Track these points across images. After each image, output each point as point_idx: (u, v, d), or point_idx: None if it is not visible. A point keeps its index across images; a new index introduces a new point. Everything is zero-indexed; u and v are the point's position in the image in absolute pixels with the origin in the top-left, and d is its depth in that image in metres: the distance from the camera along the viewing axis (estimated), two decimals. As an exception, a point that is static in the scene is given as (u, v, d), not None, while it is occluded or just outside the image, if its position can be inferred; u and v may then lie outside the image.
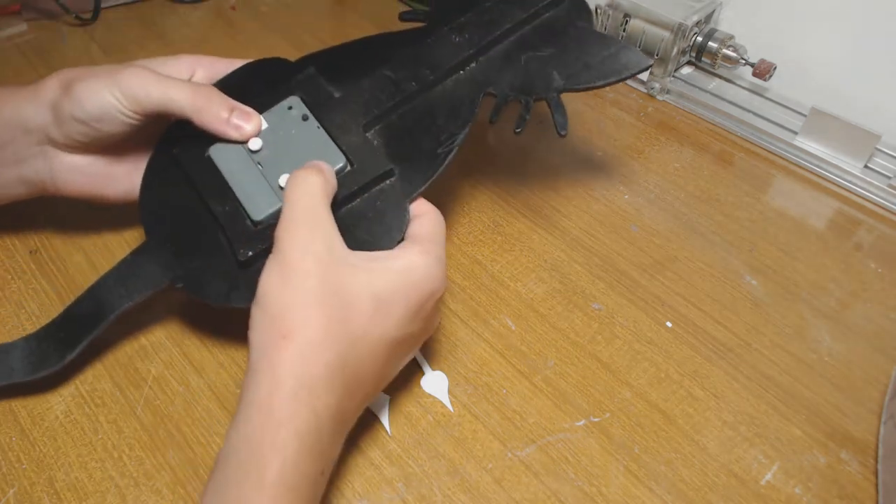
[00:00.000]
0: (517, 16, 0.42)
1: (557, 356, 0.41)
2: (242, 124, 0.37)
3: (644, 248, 0.48)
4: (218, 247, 0.37)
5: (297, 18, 0.68)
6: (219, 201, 0.37)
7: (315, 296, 0.30)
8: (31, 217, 0.47)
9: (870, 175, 0.53)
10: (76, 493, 0.34)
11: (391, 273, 0.33)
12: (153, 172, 0.39)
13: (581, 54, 0.41)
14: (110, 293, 0.37)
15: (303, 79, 0.40)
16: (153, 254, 0.37)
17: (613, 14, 0.60)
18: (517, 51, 0.42)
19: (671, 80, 0.61)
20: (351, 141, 0.38)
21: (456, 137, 0.39)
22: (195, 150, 0.38)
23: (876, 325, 0.44)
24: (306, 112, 0.39)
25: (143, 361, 0.40)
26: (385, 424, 0.37)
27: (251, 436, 0.28)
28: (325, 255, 0.31)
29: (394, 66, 0.40)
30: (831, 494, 0.36)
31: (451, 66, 0.41)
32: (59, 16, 0.66)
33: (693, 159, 0.55)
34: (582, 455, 0.37)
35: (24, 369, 0.36)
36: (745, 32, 0.60)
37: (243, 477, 0.28)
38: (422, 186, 0.38)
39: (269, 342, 0.30)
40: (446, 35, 0.41)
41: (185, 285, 0.36)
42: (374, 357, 0.32)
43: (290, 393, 0.29)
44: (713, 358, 0.42)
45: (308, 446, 0.29)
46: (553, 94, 0.41)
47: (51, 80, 0.38)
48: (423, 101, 0.40)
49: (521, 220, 0.49)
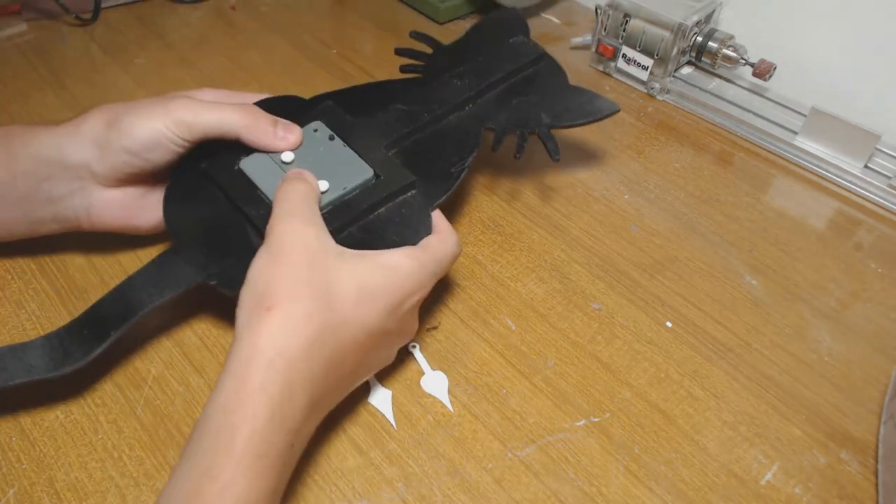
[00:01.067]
0: (506, 68, 0.49)
1: (557, 356, 0.41)
2: (287, 135, 0.41)
3: (644, 248, 0.48)
4: (250, 247, 0.38)
5: (297, 18, 0.68)
6: (253, 206, 0.39)
7: (302, 276, 0.32)
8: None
9: (870, 175, 0.53)
10: (76, 493, 0.34)
11: (377, 267, 0.35)
12: (177, 187, 0.41)
13: (562, 100, 0.48)
14: (139, 291, 0.38)
15: (323, 108, 0.44)
16: (183, 255, 0.39)
17: (613, 14, 0.60)
18: (509, 96, 0.48)
19: (671, 80, 0.61)
20: (376, 157, 0.41)
21: (466, 160, 0.44)
22: (225, 164, 0.41)
23: (876, 325, 0.44)
24: (331, 133, 0.42)
25: (143, 361, 0.40)
26: (390, 419, 0.37)
27: (225, 403, 0.29)
28: (315, 244, 0.34)
29: (406, 100, 0.46)
30: (831, 494, 0.36)
31: (455, 103, 0.46)
32: (59, 16, 0.66)
33: (693, 159, 0.55)
34: (582, 455, 0.37)
35: (45, 366, 0.36)
36: (745, 32, 0.60)
37: (213, 443, 0.28)
38: (441, 198, 0.41)
39: (254, 315, 0.31)
40: (448, 80, 0.48)
41: (218, 282, 0.38)
42: (354, 343, 0.33)
43: (267, 362, 0.30)
44: (713, 358, 0.42)
45: (279, 417, 0.29)
46: (543, 129, 0.46)
47: (92, 117, 0.39)
48: (435, 130, 0.45)
49: (521, 220, 0.49)
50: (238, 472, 0.28)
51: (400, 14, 0.70)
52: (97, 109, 0.40)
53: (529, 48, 0.50)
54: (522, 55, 0.50)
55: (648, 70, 0.60)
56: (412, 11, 0.71)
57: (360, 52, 0.64)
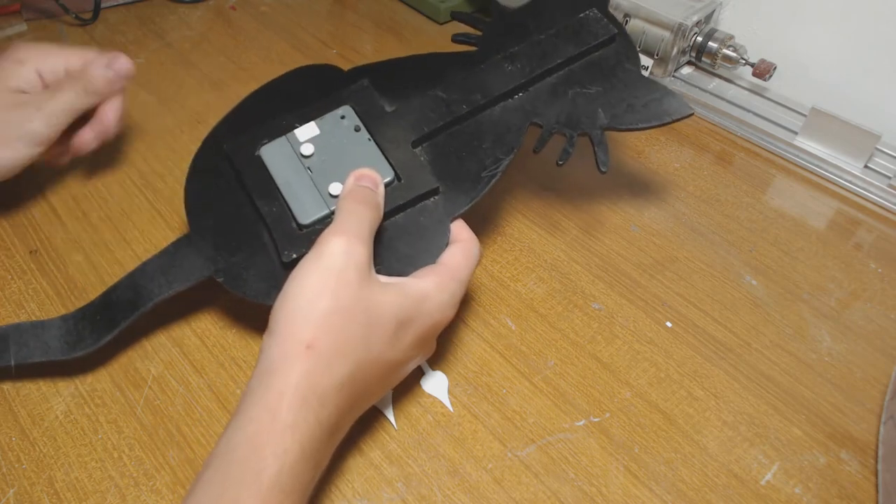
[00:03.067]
0: (569, 51, 0.42)
1: (557, 356, 0.41)
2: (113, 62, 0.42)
3: (644, 248, 0.48)
4: (261, 245, 0.37)
5: (297, 18, 0.68)
6: (266, 201, 0.37)
7: (346, 309, 0.31)
8: (31, 217, 0.47)
9: (870, 175, 0.53)
10: (76, 493, 0.34)
11: (409, 300, 0.33)
12: (201, 165, 0.40)
13: (626, 96, 0.42)
14: (150, 281, 0.37)
15: (356, 90, 0.41)
16: (196, 245, 0.38)
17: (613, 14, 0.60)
18: (565, 85, 0.42)
19: (671, 80, 0.61)
20: (400, 156, 0.39)
21: (501, 163, 0.40)
22: (246, 147, 0.39)
23: (876, 325, 0.44)
24: (358, 123, 0.40)
25: (143, 361, 0.40)
26: (391, 419, 0.37)
27: (253, 436, 0.28)
28: (367, 272, 0.32)
29: (446, 87, 0.41)
30: (831, 494, 0.36)
31: (501, 93, 0.41)
32: (59, 16, 0.66)
33: (693, 159, 0.55)
34: (582, 455, 0.37)
35: (60, 348, 0.37)
36: (745, 32, 0.60)
37: (239, 475, 0.27)
38: (464, 207, 0.38)
39: (292, 348, 0.30)
40: (499, 63, 0.42)
41: (224, 279, 0.37)
42: (380, 376, 0.33)
43: (301, 400, 0.29)
44: (713, 358, 0.42)
45: (308, 454, 0.29)
46: (597, 131, 0.41)
47: None
48: (472, 124, 0.41)
49: (521, 220, 0.49)
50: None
51: (400, 14, 0.70)
52: None
53: (601, 26, 0.43)
54: (590, 34, 0.43)
55: (648, 70, 0.60)
56: (412, 11, 0.71)
57: (360, 52, 0.64)
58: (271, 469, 0.27)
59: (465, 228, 0.38)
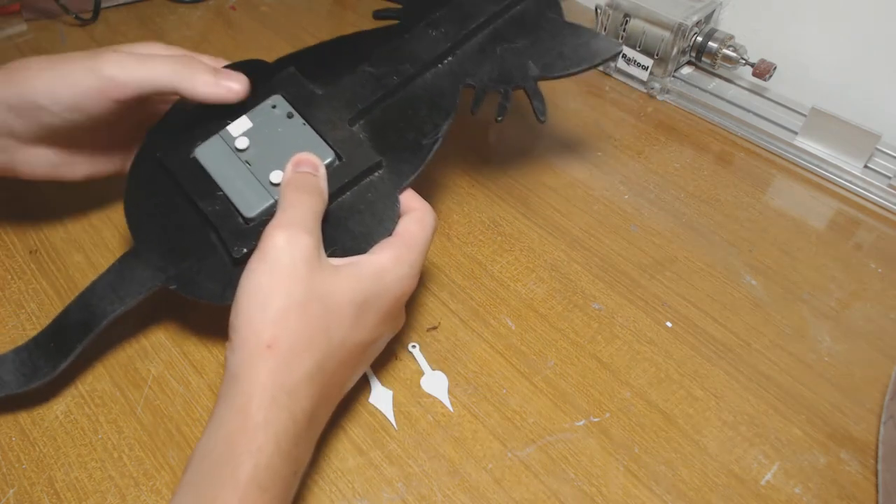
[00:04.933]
0: (490, 9, 0.43)
1: (557, 356, 0.41)
2: (231, 84, 0.37)
3: (644, 248, 0.48)
4: (209, 246, 0.37)
5: (297, 18, 0.68)
6: (208, 201, 0.37)
7: (300, 304, 0.31)
8: (31, 217, 0.47)
9: (870, 175, 0.53)
10: (76, 493, 0.34)
11: (366, 280, 0.33)
12: (136, 179, 0.39)
13: (554, 44, 0.43)
14: (101, 300, 0.37)
15: (283, 77, 0.40)
16: (142, 257, 0.37)
17: (613, 14, 0.60)
18: (492, 43, 0.43)
19: (671, 80, 0.61)
20: (338, 135, 0.38)
21: (440, 128, 0.40)
22: (179, 152, 0.38)
23: (876, 325, 0.44)
24: (290, 110, 0.39)
25: (143, 361, 0.40)
26: (390, 419, 0.37)
27: (228, 438, 0.28)
28: (315, 262, 0.32)
29: (374, 61, 0.41)
30: (831, 494, 0.36)
31: (429, 60, 0.41)
32: (58, 16, 0.66)
33: (693, 159, 0.55)
34: (582, 455, 0.37)
35: (16, 381, 0.36)
36: (745, 32, 0.60)
37: (217, 475, 0.28)
38: (410, 177, 0.38)
39: (254, 350, 0.30)
40: (423, 30, 0.42)
41: (178, 286, 0.36)
42: (349, 362, 0.33)
43: (270, 399, 0.29)
44: (713, 358, 0.42)
45: (284, 450, 0.29)
46: (530, 83, 0.42)
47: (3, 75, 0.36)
48: (406, 94, 0.41)
49: (521, 220, 0.49)
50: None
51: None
52: (11, 66, 0.36)
53: None
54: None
55: (648, 70, 0.60)
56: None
57: (360, 52, 0.64)
58: (247, 466, 0.28)
59: (416, 198, 0.38)
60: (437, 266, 0.46)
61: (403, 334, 0.41)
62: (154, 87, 0.36)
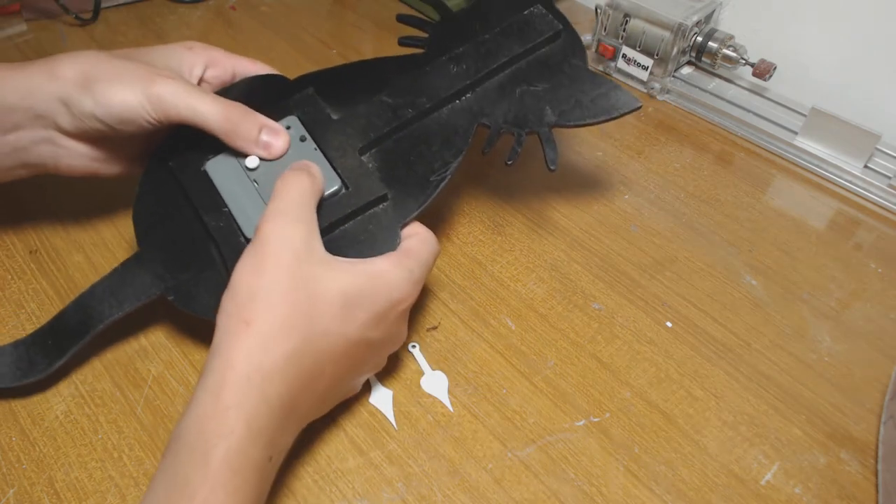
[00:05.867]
0: (514, 50, 0.42)
1: (557, 356, 0.41)
2: (273, 141, 0.38)
3: (644, 248, 0.48)
4: (210, 260, 0.37)
5: (297, 18, 0.68)
6: (213, 216, 0.37)
7: (284, 287, 0.31)
8: (31, 217, 0.47)
9: (870, 175, 0.53)
10: (76, 493, 0.34)
11: (361, 276, 0.33)
12: (148, 184, 0.39)
13: (573, 92, 0.42)
14: (100, 303, 0.37)
15: (301, 98, 0.40)
16: (145, 265, 0.37)
17: (613, 14, 0.60)
18: (512, 84, 0.42)
19: (671, 80, 0.61)
20: (347, 164, 0.38)
21: (449, 166, 0.39)
22: (191, 163, 0.38)
23: (876, 325, 0.44)
24: (304, 133, 0.39)
25: (143, 361, 0.40)
26: (390, 419, 0.37)
27: (200, 419, 0.29)
28: (303, 251, 0.32)
29: (391, 91, 0.41)
30: (831, 494, 0.36)
31: (447, 96, 0.41)
32: (58, 16, 0.66)
33: (693, 159, 0.55)
34: (582, 455, 0.37)
35: (11, 375, 0.37)
36: (745, 32, 0.60)
37: (189, 458, 0.28)
38: (414, 213, 0.38)
39: (232, 327, 0.31)
40: (444, 64, 0.42)
41: (175, 297, 0.37)
42: (333, 354, 0.33)
43: (243, 378, 0.29)
44: (713, 358, 0.42)
45: (256, 432, 0.29)
46: (545, 130, 0.41)
47: (66, 69, 0.36)
48: (419, 128, 0.41)
49: (521, 220, 0.49)
50: (215, 489, 0.27)
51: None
52: (73, 60, 0.36)
53: (546, 22, 0.43)
54: (536, 31, 0.43)
55: (648, 70, 0.60)
56: (412, 12, 0.70)
57: (360, 52, 0.64)
58: (219, 450, 0.28)
59: (418, 225, 0.38)
60: (438, 266, 0.46)
61: (403, 334, 0.41)
62: (200, 125, 0.37)
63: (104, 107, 0.36)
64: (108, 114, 0.36)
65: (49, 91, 0.36)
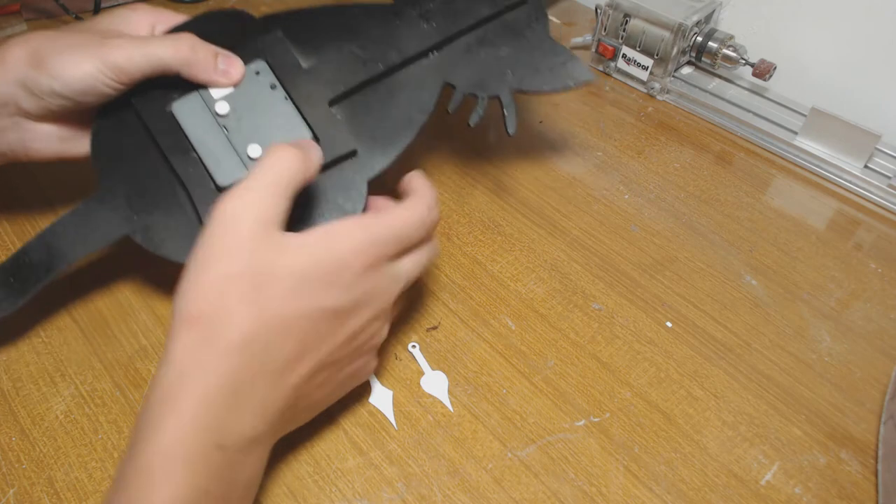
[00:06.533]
0: (483, 12, 0.43)
1: (557, 356, 0.41)
2: (229, 69, 0.37)
3: (644, 248, 0.48)
4: (178, 204, 0.36)
5: (297, 18, 0.68)
6: (182, 160, 0.36)
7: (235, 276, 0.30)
8: (31, 217, 0.47)
9: (870, 175, 0.53)
10: (76, 493, 0.34)
11: (312, 246, 0.31)
12: (107, 119, 0.38)
13: (533, 58, 0.43)
14: (63, 241, 0.36)
15: (270, 41, 0.39)
16: (109, 203, 0.36)
17: (613, 14, 0.60)
18: (478, 46, 0.43)
19: (671, 80, 0.61)
20: (317, 115, 0.38)
21: (416, 122, 0.40)
22: (156, 101, 0.37)
23: (876, 325, 0.44)
24: (274, 81, 0.38)
25: (143, 361, 0.40)
26: (390, 419, 0.37)
27: (142, 415, 0.29)
28: (262, 233, 0.30)
29: (362, 43, 0.41)
30: (831, 494, 0.36)
31: (416, 52, 0.41)
32: (59, 16, 0.66)
33: (693, 159, 0.55)
34: (582, 455, 0.37)
35: None
36: (745, 32, 0.60)
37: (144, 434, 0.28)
38: (380, 168, 0.38)
39: (178, 321, 0.30)
40: (415, 20, 0.42)
41: (143, 238, 0.36)
42: (288, 334, 0.31)
43: (181, 374, 0.29)
44: (713, 358, 0.42)
45: (203, 422, 0.28)
46: (506, 94, 0.42)
47: (16, 52, 0.36)
48: (389, 83, 0.41)
49: (521, 220, 0.49)
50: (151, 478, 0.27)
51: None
52: (21, 42, 0.36)
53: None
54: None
55: (648, 70, 0.60)
56: None
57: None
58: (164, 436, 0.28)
59: (417, 178, 0.37)
60: (437, 266, 0.46)
61: (403, 334, 0.41)
62: (158, 71, 0.36)
63: (62, 80, 0.35)
64: (67, 87, 0.36)
65: (4, 78, 0.36)
